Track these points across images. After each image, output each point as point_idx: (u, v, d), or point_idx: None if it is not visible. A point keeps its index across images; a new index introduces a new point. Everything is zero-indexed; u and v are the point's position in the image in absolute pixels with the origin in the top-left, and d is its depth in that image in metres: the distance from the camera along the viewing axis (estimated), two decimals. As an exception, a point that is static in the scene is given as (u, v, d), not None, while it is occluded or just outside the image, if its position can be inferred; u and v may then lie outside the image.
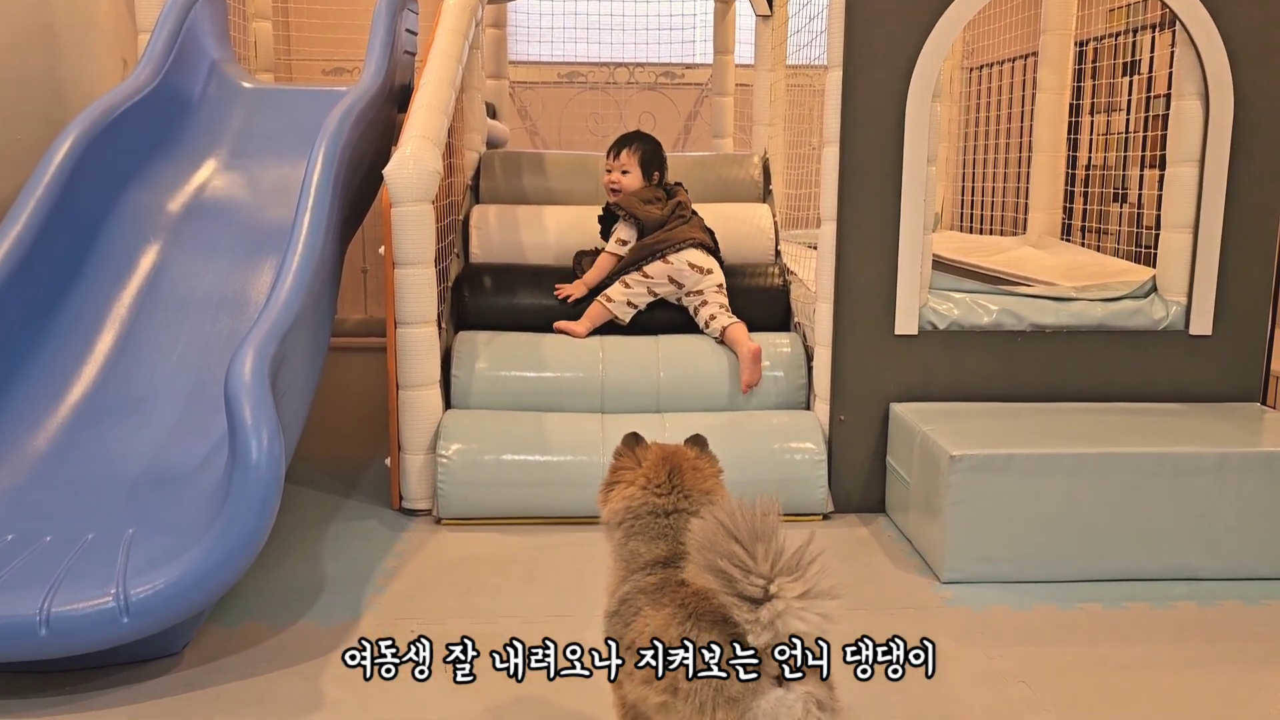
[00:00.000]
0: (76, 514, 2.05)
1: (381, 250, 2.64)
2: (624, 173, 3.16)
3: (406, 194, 2.56)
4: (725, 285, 3.06)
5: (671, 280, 3.02)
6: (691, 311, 3.05)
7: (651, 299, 3.04)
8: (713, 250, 3.12)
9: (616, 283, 3.04)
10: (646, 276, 3.02)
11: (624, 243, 3.08)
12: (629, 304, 3.02)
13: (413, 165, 2.57)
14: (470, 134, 3.57)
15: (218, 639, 2.00)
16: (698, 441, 1.58)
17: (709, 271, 3.03)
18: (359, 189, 3.01)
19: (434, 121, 2.73)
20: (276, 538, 2.44)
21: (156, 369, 2.46)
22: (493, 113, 4.31)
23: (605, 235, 3.16)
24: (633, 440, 1.58)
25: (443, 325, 2.90)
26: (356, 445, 3.32)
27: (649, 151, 3.19)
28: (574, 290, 3.07)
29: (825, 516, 2.71)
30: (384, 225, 2.61)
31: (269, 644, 1.99)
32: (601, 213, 3.19)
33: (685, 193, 3.21)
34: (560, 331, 3.00)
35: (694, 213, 3.17)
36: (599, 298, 3.04)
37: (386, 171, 2.58)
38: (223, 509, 1.82)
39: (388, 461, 2.74)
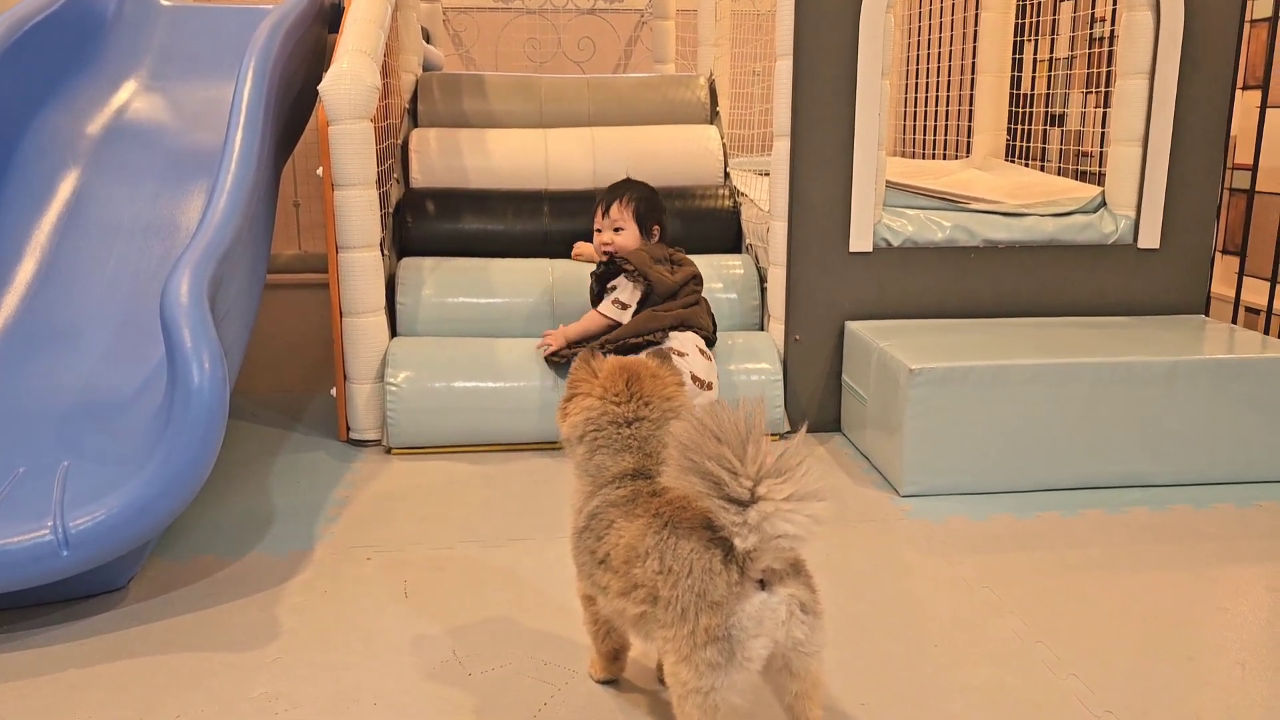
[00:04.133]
0: (4, 448, 1.94)
1: (319, 172, 2.53)
2: (617, 230, 2.58)
3: (344, 110, 2.45)
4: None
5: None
6: None
7: None
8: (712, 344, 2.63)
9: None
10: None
11: (624, 306, 2.55)
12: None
13: (349, 80, 2.45)
14: (406, 55, 3.43)
15: (165, 573, 1.92)
16: (659, 354, 1.54)
17: (709, 386, 2.50)
18: (290, 111, 2.87)
19: (370, 35, 2.60)
20: (221, 472, 2.36)
21: (83, 298, 2.33)
22: (427, 37, 4.16)
23: (597, 297, 2.64)
24: (589, 354, 1.53)
25: (385, 252, 2.80)
26: (298, 379, 3.22)
27: (645, 202, 2.62)
28: (553, 341, 2.57)
29: (781, 436, 2.69)
30: (321, 145, 2.49)
31: (220, 576, 1.92)
32: (597, 268, 2.65)
33: (693, 266, 2.65)
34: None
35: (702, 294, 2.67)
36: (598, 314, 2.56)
37: (322, 87, 2.45)
38: (164, 435, 1.73)
39: (333, 392, 2.65)
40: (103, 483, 1.75)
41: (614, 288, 2.57)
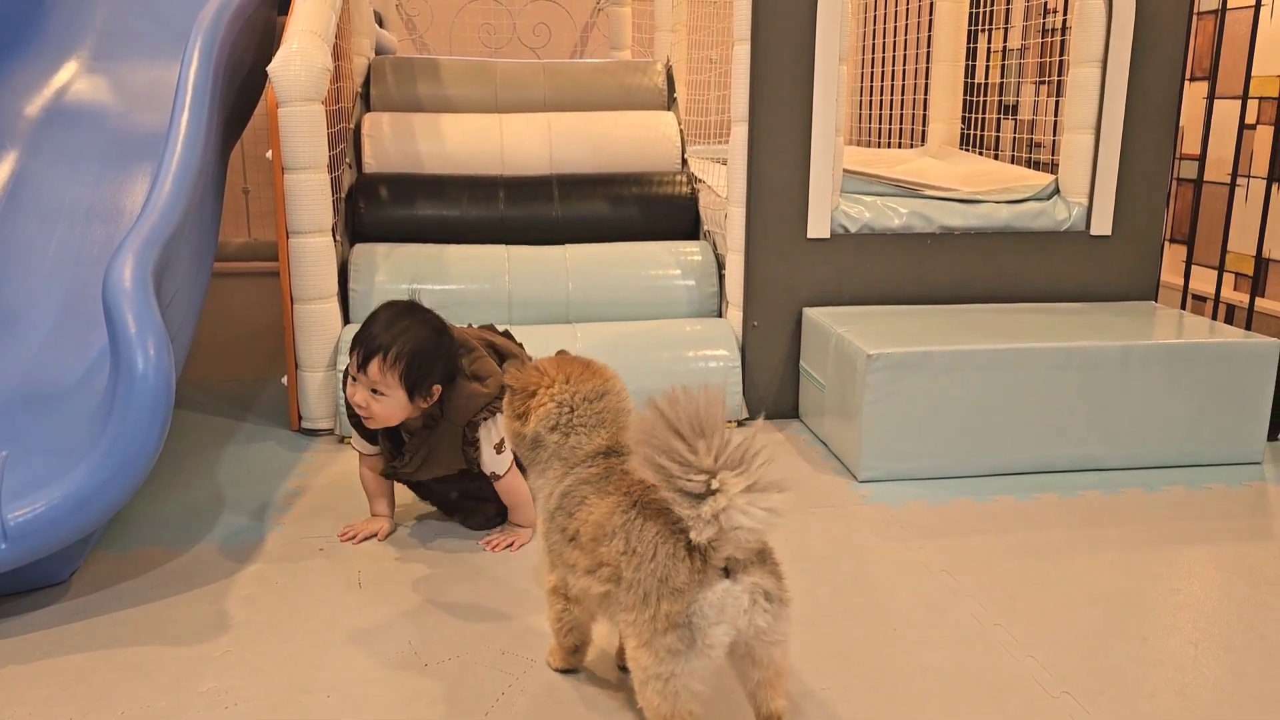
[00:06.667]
0: (-61, 439, 1.87)
1: (269, 155, 2.47)
2: (376, 393, 1.82)
3: (294, 92, 2.39)
4: None
5: None
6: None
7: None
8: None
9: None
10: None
11: (502, 449, 1.93)
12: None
13: (299, 61, 2.39)
14: (358, 38, 3.36)
15: (109, 566, 1.87)
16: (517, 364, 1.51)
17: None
18: (239, 93, 2.80)
19: (321, 16, 2.55)
20: (168, 462, 2.31)
21: (23, 283, 2.26)
22: (379, 21, 4.09)
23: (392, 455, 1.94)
24: (518, 364, 1.51)
25: (337, 238, 2.75)
26: (248, 368, 3.15)
27: (418, 361, 1.81)
28: (522, 537, 1.98)
29: (740, 423, 2.69)
30: (271, 127, 2.44)
31: (167, 568, 1.86)
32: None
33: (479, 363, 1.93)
34: None
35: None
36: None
37: (271, 68, 2.39)
38: (108, 424, 1.67)
39: (285, 380, 2.60)
40: (43, 473, 1.69)
41: (476, 440, 1.89)
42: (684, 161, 3.29)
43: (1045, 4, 3.72)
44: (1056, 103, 3.58)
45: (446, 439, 1.90)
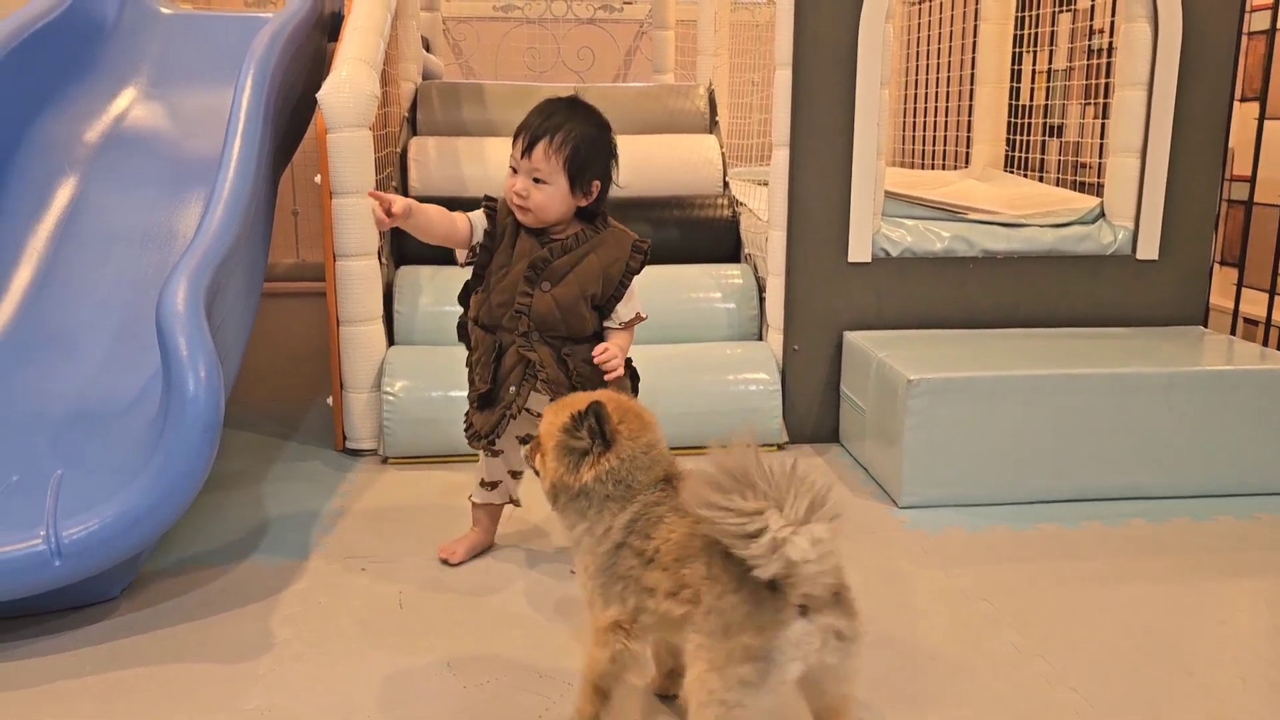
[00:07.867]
0: (-2, 457, 1.93)
1: (317, 179, 2.52)
2: (538, 181, 1.83)
3: (343, 118, 2.44)
4: None
5: None
6: None
7: None
8: None
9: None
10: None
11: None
12: None
13: (349, 88, 2.44)
14: (406, 63, 3.42)
15: (157, 583, 1.91)
16: (619, 384, 1.50)
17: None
18: (290, 119, 2.87)
19: (369, 44, 2.60)
20: (215, 482, 2.35)
21: (80, 306, 2.33)
22: (426, 47, 4.16)
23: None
24: (601, 402, 1.43)
25: (383, 261, 2.79)
26: (294, 389, 3.21)
27: (585, 149, 1.82)
28: (620, 364, 1.83)
29: (780, 447, 2.68)
30: (320, 153, 2.49)
31: (213, 586, 1.90)
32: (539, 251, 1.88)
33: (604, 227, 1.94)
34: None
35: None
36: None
37: (321, 95, 2.45)
38: (159, 445, 1.72)
39: (329, 401, 2.64)
40: (97, 492, 1.73)
41: (644, 252, 1.92)
42: (725, 184, 3.31)
43: (1091, 24, 3.69)
44: (1103, 124, 3.55)
45: (605, 248, 1.86)
